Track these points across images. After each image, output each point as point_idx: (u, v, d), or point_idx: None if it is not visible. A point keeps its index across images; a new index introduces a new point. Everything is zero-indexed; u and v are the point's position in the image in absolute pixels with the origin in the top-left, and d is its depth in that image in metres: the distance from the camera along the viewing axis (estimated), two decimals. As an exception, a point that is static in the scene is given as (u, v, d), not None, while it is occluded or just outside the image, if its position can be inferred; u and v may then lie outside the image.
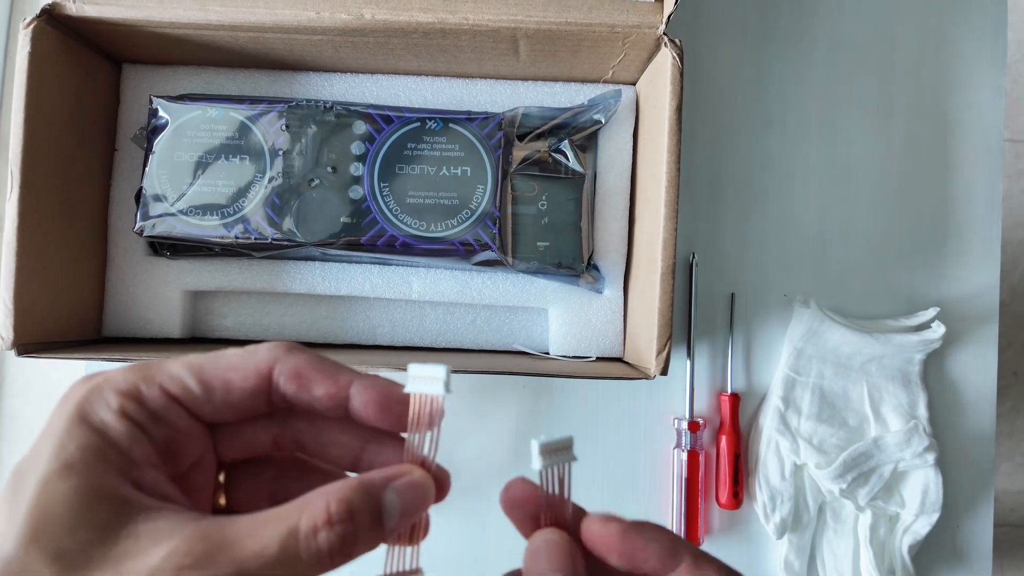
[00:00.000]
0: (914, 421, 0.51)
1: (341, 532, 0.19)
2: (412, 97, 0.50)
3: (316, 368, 0.22)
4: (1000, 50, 0.55)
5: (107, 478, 0.19)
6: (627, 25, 0.42)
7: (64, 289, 0.45)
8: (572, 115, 0.48)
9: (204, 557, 0.18)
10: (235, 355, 0.22)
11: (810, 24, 0.55)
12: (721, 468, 0.52)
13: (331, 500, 0.19)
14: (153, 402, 0.21)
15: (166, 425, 0.21)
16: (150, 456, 0.20)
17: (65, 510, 0.18)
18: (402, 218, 0.46)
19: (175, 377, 0.21)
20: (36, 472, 0.19)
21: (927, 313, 0.52)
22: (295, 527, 0.19)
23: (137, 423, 0.20)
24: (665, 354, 0.41)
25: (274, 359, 0.22)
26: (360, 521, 0.20)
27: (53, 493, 0.18)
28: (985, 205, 0.54)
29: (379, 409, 0.22)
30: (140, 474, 0.20)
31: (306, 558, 0.19)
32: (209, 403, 0.22)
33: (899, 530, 0.51)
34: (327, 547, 0.19)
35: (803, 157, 0.54)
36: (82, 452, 0.19)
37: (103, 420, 0.20)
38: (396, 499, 0.21)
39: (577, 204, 0.48)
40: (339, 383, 0.22)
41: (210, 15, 0.42)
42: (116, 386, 0.21)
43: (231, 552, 0.18)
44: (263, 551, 0.18)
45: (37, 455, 0.19)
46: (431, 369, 0.22)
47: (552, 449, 0.23)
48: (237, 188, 0.46)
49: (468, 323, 0.51)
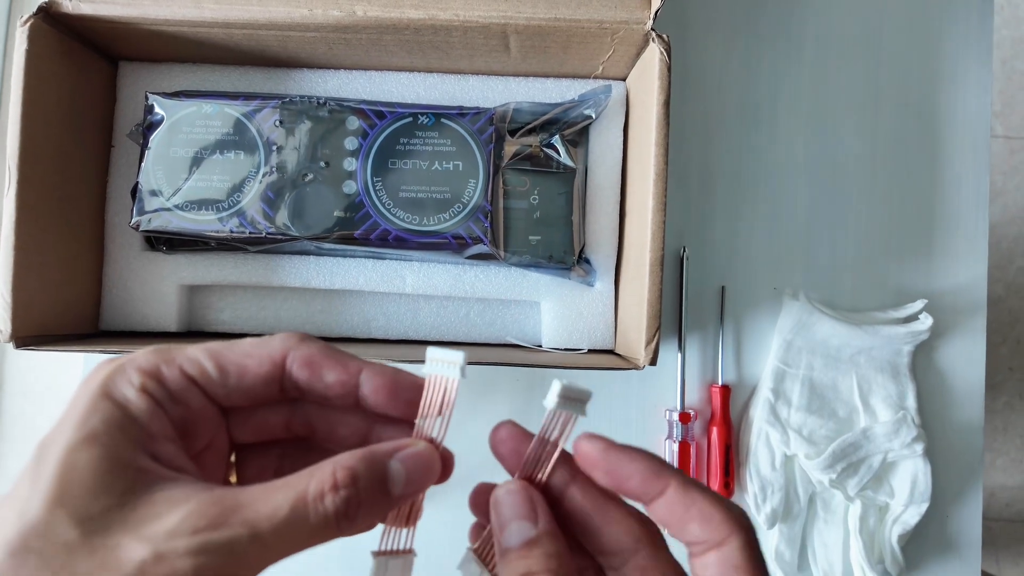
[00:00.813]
0: (903, 412, 0.52)
1: (345, 496, 0.20)
2: (405, 93, 0.50)
3: (327, 356, 0.23)
4: (986, 46, 0.56)
5: (127, 449, 0.20)
6: (615, 21, 0.43)
7: (62, 283, 0.45)
8: (563, 110, 0.49)
9: (218, 518, 0.19)
10: (251, 343, 0.23)
11: (798, 19, 0.56)
12: (712, 459, 0.53)
13: (337, 467, 0.21)
14: (172, 382, 0.22)
15: (183, 405, 0.22)
16: (167, 431, 0.22)
17: (88, 476, 0.19)
18: (395, 212, 0.46)
19: (194, 360, 0.22)
20: (60, 442, 0.20)
21: (915, 305, 0.53)
22: (304, 491, 0.20)
23: (156, 400, 0.21)
24: (654, 345, 0.42)
25: (288, 347, 0.23)
26: (364, 487, 0.21)
27: (77, 460, 0.19)
28: (972, 199, 0.55)
29: (389, 395, 0.23)
30: (158, 447, 0.21)
31: (314, 521, 0.20)
32: (224, 386, 0.23)
33: (888, 520, 0.52)
34: (333, 510, 0.20)
35: (792, 151, 0.55)
36: (105, 424, 0.20)
37: (125, 396, 0.21)
38: (401, 468, 0.22)
39: (568, 198, 0.49)
40: (349, 370, 0.23)
41: (204, 12, 0.43)
42: (138, 365, 0.22)
43: (244, 514, 0.19)
44: (275, 513, 0.19)
45: (61, 427, 0.20)
46: (450, 354, 0.23)
47: (570, 396, 0.23)
48: (232, 183, 0.46)
49: (462, 316, 0.51)
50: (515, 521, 0.22)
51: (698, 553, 0.22)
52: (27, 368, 0.61)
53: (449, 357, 0.23)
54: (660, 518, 0.23)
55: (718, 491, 0.52)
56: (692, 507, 0.22)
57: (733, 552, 0.21)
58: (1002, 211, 1.27)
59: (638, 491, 0.23)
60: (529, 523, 0.22)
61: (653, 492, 0.22)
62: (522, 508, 0.22)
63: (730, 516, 0.22)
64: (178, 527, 0.19)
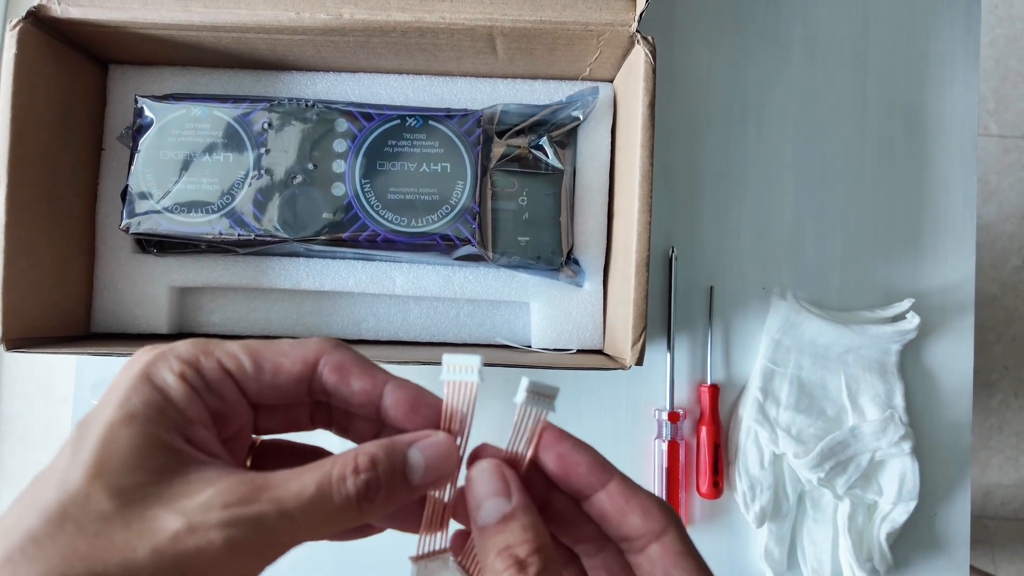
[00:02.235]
0: (891, 411, 0.52)
1: (365, 479, 0.21)
2: (393, 95, 0.51)
3: (357, 363, 0.24)
4: (973, 45, 0.56)
5: (164, 430, 0.21)
6: (600, 23, 0.43)
7: (52, 286, 0.46)
8: (551, 112, 0.49)
9: (249, 495, 0.20)
10: (287, 343, 0.24)
11: (785, 19, 0.56)
12: (701, 458, 0.53)
13: (359, 452, 0.22)
14: (210, 373, 0.23)
15: (218, 395, 0.23)
16: (203, 417, 0.23)
17: (126, 453, 0.20)
18: (384, 214, 0.47)
19: (232, 354, 0.23)
20: (101, 420, 0.21)
21: (902, 304, 0.53)
22: (329, 473, 0.21)
23: (194, 388, 0.22)
24: (640, 344, 0.42)
25: (322, 351, 0.24)
26: (384, 471, 0.22)
27: (116, 437, 0.20)
28: (960, 198, 0.55)
29: (410, 408, 0.24)
30: (193, 431, 0.22)
31: (337, 501, 0.21)
32: (257, 382, 0.24)
33: (877, 518, 0.52)
34: (354, 492, 0.21)
35: (780, 151, 0.55)
36: (144, 406, 0.21)
37: (165, 380, 0.22)
38: (419, 456, 0.23)
39: (556, 199, 0.49)
40: (376, 380, 0.24)
41: (193, 16, 0.43)
42: (179, 354, 0.23)
43: (273, 492, 0.20)
44: (301, 492, 0.21)
45: (103, 407, 0.21)
46: (466, 359, 0.24)
47: (538, 391, 0.24)
48: (222, 186, 0.47)
49: (451, 317, 0.52)
50: (489, 499, 0.23)
51: (640, 547, 0.23)
52: (24, 369, 0.61)
53: (466, 362, 0.24)
54: (600, 511, 0.24)
55: (707, 490, 0.52)
56: (633, 500, 0.23)
57: (675, 540, 0.23)
58: (997, 210, 1.27)
59: (584, 480, 0.24)
60: (503, 499, 0.23)
61: (597, 483, 0.24)
62: (495, 485, 0.23)
63: (666, 509, 0.24)
64: (210, 501, 0.20)
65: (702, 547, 0.24)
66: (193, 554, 0.19)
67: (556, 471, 0.24)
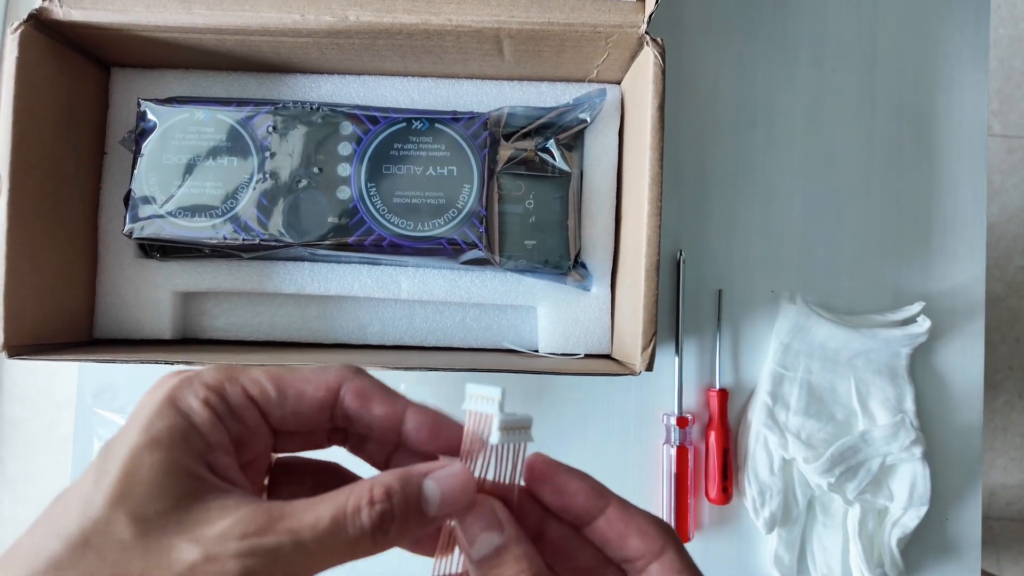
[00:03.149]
0: (901, 415, 0.51)
1: (380, 510, 0.21)
2: (399, 98, 0.50)
3: (378, 390, 0.25)
4: (982, 47, 0.55)
5: (188, 457, 0.21)
6: (609, 25, 0.42)
7: (55, 291, 0.45)
8: (558, 114, 0.49)
9: (266, 526, 0.20)
10: (310, 370, 0.24)
11: (793, 21, 0.55)
12: (710, 463, 0.52)
13: (375, 484, 0.22)
14: (234, 399, 0.23)
15: (241, 421, 0.23)
16: (224, 443, 0.23)
17: (149, 479, 0.21)
18: (389, 218, 0.46)
19: (256, 381, 0.24)
20: (125, 445, 0.21)
21: (912, 308, 0.53)
22: (344, 505, 0.21)
23: (218, 414, 0.23)
24: (650, 350, 0.42)
25: (344, 377, 0.24)
26: (398, 502, 0.22)
27: (140, 463, 0.21)
28: (969, 200, 0.55)
29: (431, 432, 0.24)
30: (215, 458, 0.22)
31: (351, 532, 0.21)
32: (281, 408, 0.24)
33: (888, 523, 0.51)
34: (368, 523, 0.21)
35: (788, 154, 0.55)
36: (169, 431, 0.21)
37: (190, 406, 0.22)
38: (435, 488, 0.23)
39: (564, 203, 0.49)
40: (397, 406, 0.24)
41: (196, 19, 0.43)
42: (204, 380, 0.23)
43: (289, 523, 0.21)
44: (317, 523, 0.21)
45: (127, 431, 0.22)
46: (487, 390, 0.24)
47: (512, 426, 0.24)
48: (225, 190, 0.46)
49: (457, 322, 0.51)
50: (481, 534, 0.23)
51: (641, 568, 0.24)
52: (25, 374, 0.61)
53: (487, 393, 0.24)
54: (600, 535, 0.24)
55: (717, 495, 0.52)
56: (631, 522, 0.24)
57: (673, 559, 0.23)
58: (1001, 210, 1.27)
59: (582, 508, 0.24)
60: (495, 532, 0.23)
61: (596, 510, 0.24)
62: (485, 520, 0.23)
63: (663, 529, 0.24)
64: (228, 531, 0.20)
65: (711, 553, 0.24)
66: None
67: (554, 503, 0.24)
